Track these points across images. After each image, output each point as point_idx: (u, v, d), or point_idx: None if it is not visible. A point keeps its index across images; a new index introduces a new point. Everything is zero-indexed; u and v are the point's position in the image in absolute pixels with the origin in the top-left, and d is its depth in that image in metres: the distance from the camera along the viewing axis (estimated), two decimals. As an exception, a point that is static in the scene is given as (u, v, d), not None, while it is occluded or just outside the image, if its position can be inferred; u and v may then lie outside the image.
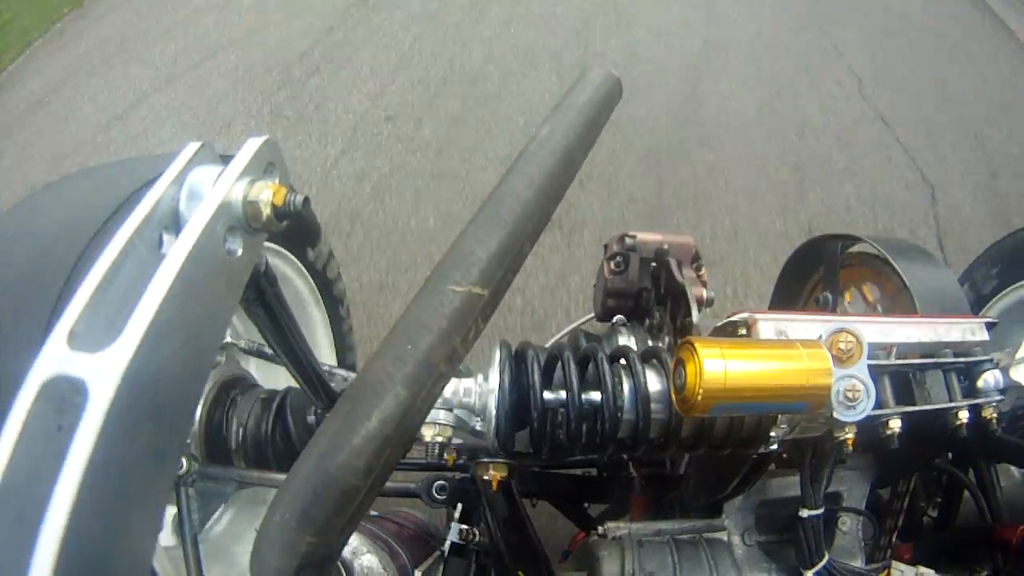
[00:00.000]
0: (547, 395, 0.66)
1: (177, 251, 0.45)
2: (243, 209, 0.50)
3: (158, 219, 0.49)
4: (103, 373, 0.39)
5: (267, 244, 1.10)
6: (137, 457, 0.42)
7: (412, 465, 1.04)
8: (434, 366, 0.39)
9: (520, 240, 0.46)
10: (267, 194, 0.50)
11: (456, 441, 0.67)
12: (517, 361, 0.68)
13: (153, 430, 0.43)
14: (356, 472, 0.36)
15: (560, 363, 0.68)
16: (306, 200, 0.51)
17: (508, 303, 2.19)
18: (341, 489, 0.36)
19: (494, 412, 0.65)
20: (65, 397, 0.39)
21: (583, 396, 0.66)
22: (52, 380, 0.39)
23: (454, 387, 0.66)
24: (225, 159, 0.53)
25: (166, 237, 0.49)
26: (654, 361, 0.68)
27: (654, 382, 0.66)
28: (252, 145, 0.52)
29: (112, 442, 0.38)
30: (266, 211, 0.50)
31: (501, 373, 0.67)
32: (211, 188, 0.50)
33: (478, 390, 0.66)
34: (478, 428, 0.67)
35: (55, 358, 0.40)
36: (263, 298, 0.66)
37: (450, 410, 0.65)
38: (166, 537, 0.94)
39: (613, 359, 0.68)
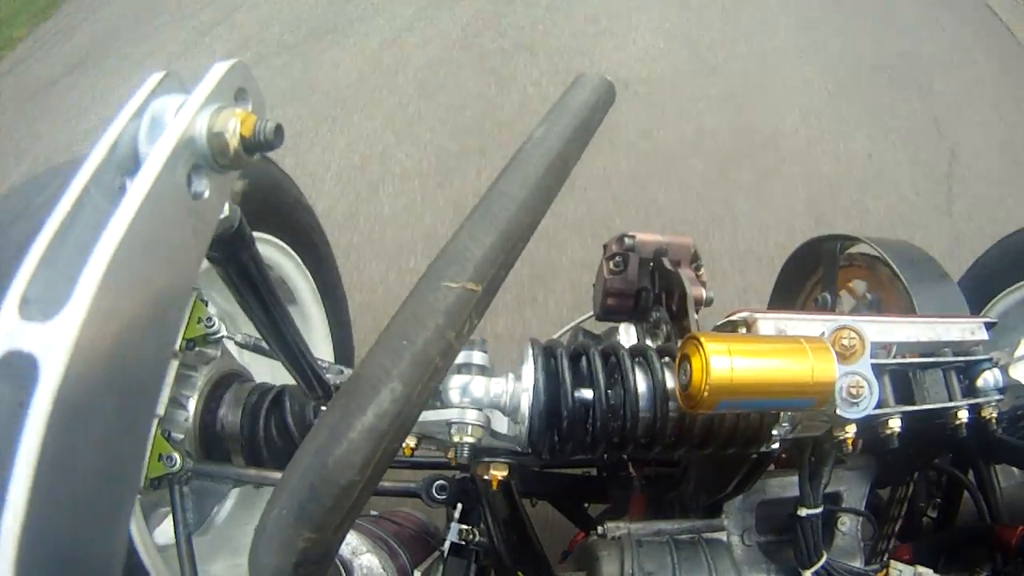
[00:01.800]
0: (576, 394, 0.64)
1: (132, 196, 0.39)
2: (208, 142, 0.43)
3: (116, 162, 0.43)
4: (53, 345, 0.35)
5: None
6: (100, 434, 0.38)
7: (412, 464, 1.04)
8: (429, 360, 0.39)
9: (513, 238, 0.47)
10: (233, 123, 0.44)
11: (483, 443, 0.65)
12: (546, 358, 0.67)
13: (116, 404, 0.39)
14: (353, 467, 0.36)
15: (586, 360, 0.67)
16: (278, 128, 0.45)
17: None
18: (338, 484, 0.36)
19: (527, 412, 0.64)
20: (23, 373, 0.35)
21: (608, 395, 0.65)
22: (6, 355, 0.35)
23: (484, 386, 0.64)
24: (191, 89, 0.46)
25: (128, 183, 0.43)
26: (667, 359, 0.67)
27: (670, 380, 0.65)
28: (219, 69, 0.45)
29: (67, 422, 0.35)
30: (233, 143, 0.44)
31: (536, 372, 0.65)
32: (172, 120, 0.43)
33: (510, 390, 0.65)
34: (504, 431, 0.65)
35: (7, 331, 0.36)
36: (238, 259, 0.59)
37: (480, 410, 0.63)
38: (162, 536, 0.94)
39: (633, 356, 0.67)
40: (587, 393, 0.65)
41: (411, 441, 0.69)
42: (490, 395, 0.64)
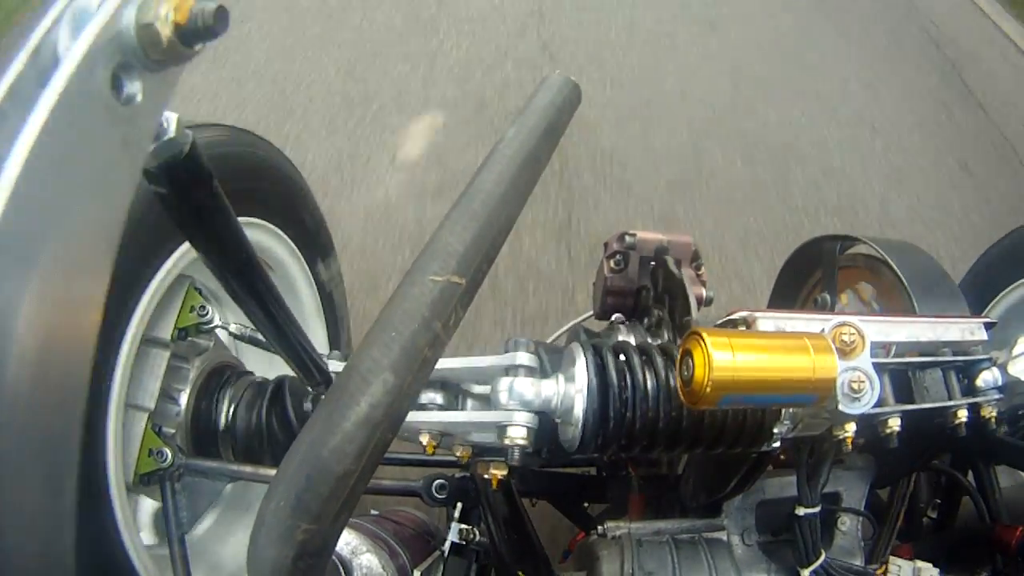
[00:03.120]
0: (625, 395, 0.64)
1: (41, 107, 0.33)
2: (136, 34, 0.36)
3: (38, 71, 0.36)
4: None
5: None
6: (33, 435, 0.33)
7: (411, 462, 1.04)
8: (419, 351, 0.40)
9: (494, 232, 0.48)
10: (165, 9, 0.37)
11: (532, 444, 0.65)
12: (595, 358, 0.67)
13: (28, 370, 0.32)
14: (348, 457, 0.37)
15: (626, 360, 0.67)
16: (219, 10, 0.38)
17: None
18: (334, 474, 0.36)
19: (581, 414, 0.64)
20: None
21: (647, 394, 0.65)
22: None
23: (535, 388, 0.64)
24: None
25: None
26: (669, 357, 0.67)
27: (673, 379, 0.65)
28: None
29: None
30: (166, 32, 0.37)
31: (588, 373, 0.65)
32: (96, 14, 0.36)
33: (562, 392, 0.64)
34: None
35: None
36: (188, 194, 0.50)
37: (531, 412, 0.63)
38: (149, 536, 0.92)
39: (641, 354, 0.67)
40: (628, 394, 0.65)
41: (426, 439, 0.69)
42: (541, 397, 0.64)
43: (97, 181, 0.37)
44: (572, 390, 0.64)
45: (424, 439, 0.70)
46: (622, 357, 0.67)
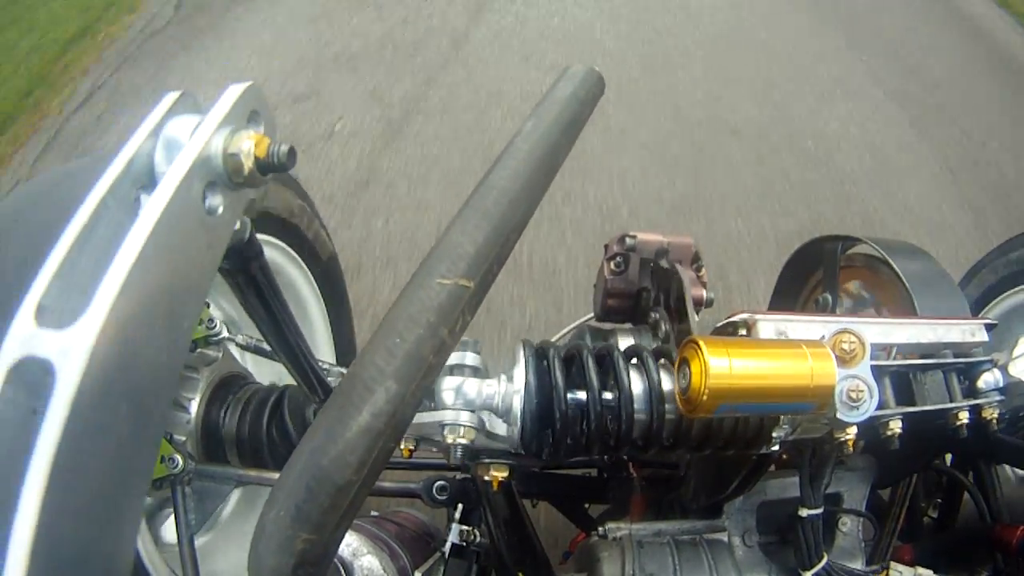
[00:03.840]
0: (570, 396, 0.64)
1: (150, 210, 0.41)
2: (223, 161, 0.45)
3: (133, 176, 0.44)
4: (70, 353, 0.36)
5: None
6: (112, 442, 0.38)
7: (412, 465, 1.04)
8: (423, 359, 0.39)
9: (506, 233, 0.47)
10: (248, 145, 0.46)
11: (476, 443, 0.65)
12: (538, 360, 0.67)
13: (129, 412, 0.39)
14: (349, 467, 0.36)
15: (579, 362, 0.67)
16: (291, 151, 0.46)
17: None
18: (335, 484, 0.36)
19: (519, 413, 0.64)
20: (37, 380, 0.36)
21: (602, 396, 0.65)
22: (21, 362, 0.36)
23: (477, 388, 0.64)
24: (206, 109, 0.48)
25: (143, 196, 0.45)
26: (663, 361, 0.67)
27: (667, 382, 0.65)
28: (233, 92, 0.47)
29: (82, 427, 0.35)
30: (248, 164, 0.46)
31: (527, 373, 0.65)
32: (188, 139, 0.45)
33: (502, 391, 0.65)
34: (498, 432, 0.65)
35: (23, 337, 0.36)
36: (247, 269, 0.61)
37: (473, 411, 0.63)
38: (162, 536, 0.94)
39: (627, 357, 0.67)
40: (581, 395, 0.65)
41: (410, 443, 0.69)
42: (483, 396, 0.64)
43: (187, 272, 0.45)
44: (511, 390, 0.64)
45: (400, 443, 0.69)
46: (627, 359, 0.67)
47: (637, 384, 0.65)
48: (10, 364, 0.36)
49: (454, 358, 0.66)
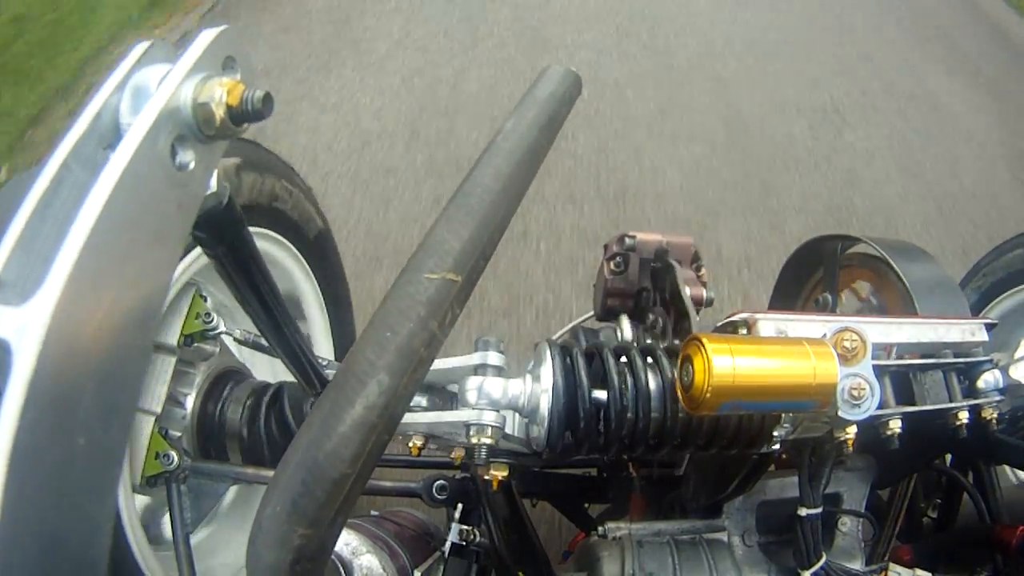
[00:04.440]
0: (595, 394, 0.64)
1: (112, 167, 0.37)
2: (192, 112, 0.42)
3: (99, 134, 0.41)
4: (26, 329, 0.33)
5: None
6: (78, 423, 0.36)
7: (412, 463, 1.04)
8: (414, 351, 0.40)
9: (490, 228, 0.47)
10: (220, 92, 0.42)
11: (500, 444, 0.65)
12: (563, 359, 0.66)
13: (95, 391, 0.37)
14: (343, 460, 0.36)
15: (600, 360, 0.66)
16: (267, 96, 0.43)
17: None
18: (330, 478, 0.36)
19: (547, 414, 0.63)
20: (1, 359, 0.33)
21: (623, 395, 0.64)
22: None
23: (502, 388, 0.63)
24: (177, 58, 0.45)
25: (111, 155, 0.41)
26: (674, 359, 0.67)
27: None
28: (205, 37, 0.44)
29: (43, 409, 0.33)
30: (219, 112, 0.42)
31: (554, 373, 0.64)
32: (156, 90, 0.42)
33: (528, 391, 0.64)
34: (512, 432, 0.65)
35: None
36: (228, 240, 0.57)
37: (497, 411, 0.62)
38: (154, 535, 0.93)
39: (643, 355, 0.67)
40: (601, 394, 0.64)
41: (418, 441, 0.69)
42: (508, 396, 0.63)
43: (155, 235, 0.41)
44: (538, 389, 0.64)
45: (409, 441, 0.69)
46: (624, 358, 0.67)
47: (652, 382, 0.65)
48: None
49: (477, 357, 0.66)
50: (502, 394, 0.63)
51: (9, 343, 0.33)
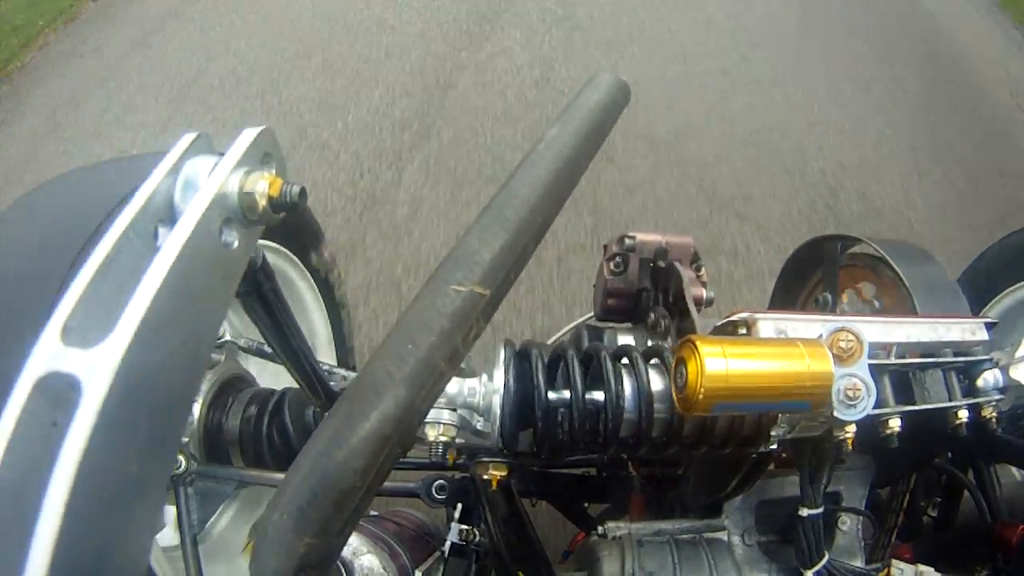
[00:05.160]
0: (551, 395, 0.65)
1: (172, 243, 0.44)
2: (239, 200, 0.49)
3: (153, 211, 0.48)
4: (96, 369, 0.38)
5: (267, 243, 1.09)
6: (133, 454, 0.41)
7: (412, 464, 1.04)
8: (435, 366, 0.39)
9: (523, 241, 0.46)
10: (263, 185, 0.49)
11: (459, 441, 0.67)
12: (521, 360, 0.68)
13: (148, 427, 0.42)
14: (354, 472, 0.36)
15: (563, 362, 0.68)
16: (302, 191, 0.50)
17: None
18: (339, 489, 0.36)
19: (498, 412, 0.65)
20: (60, 394, 0.38)
21: (586, 395, 0.65)
22: (46, 377, 0.39)
23: (458, 386, 0.66)
24: (222, 150, 0.52)
25: (161, 230, 0.49)
26: (655, 360, 0.68)
27: (656, 381, 0.66)
28: (248, 135, 0.51)
29: (106, 438, 0.38)
30: (262, 202, 0.50)
31: (506, 372, 0.66)
32: (206, 179, 0.49)
33: (482, 390, 0.66)
34: (480, 428, 0.67)
35: (49, 354, 0.39)
36: (260, 292, 0.65)
37: (454, 410, 0.65)
38: (166, 537, 0.94)
39: (616, 358, 0.68)
40: (564, 394, 0.66)
41: None
42: (463, 395, 0.65)
43: (205, 300, 0.48)
44: (490, 388, 0.66)
45: None
46: (616, 360, 0.67)
47: (626, 384, 0.65)
48: (36, 377, 0.39)
49: None
50: (458, 392, 0.65)
51: (79, 379, 0.38)
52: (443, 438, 0.63)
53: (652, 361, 0.68)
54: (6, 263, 0.65)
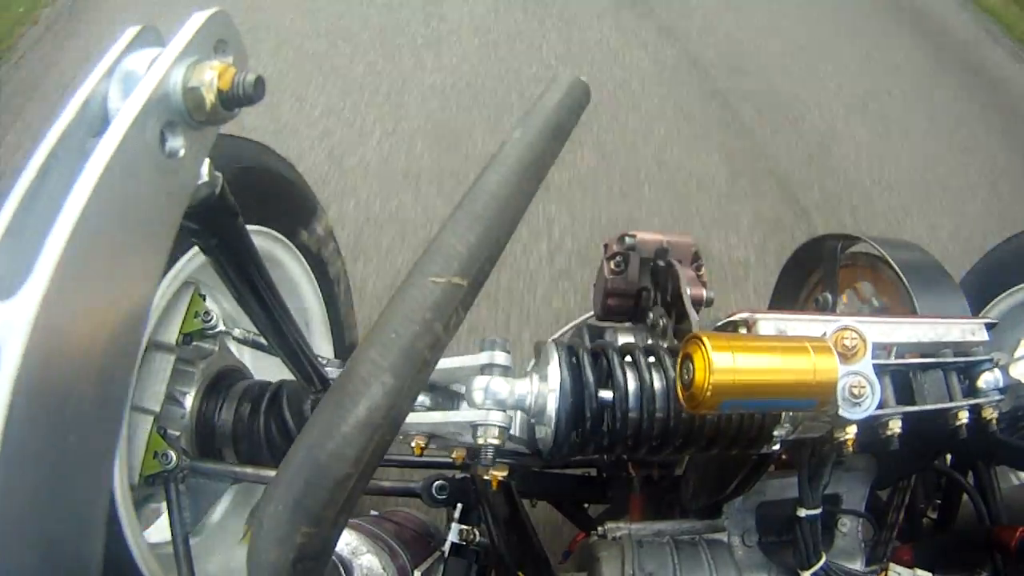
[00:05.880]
0: (601, 394, 0.64)
1: (99, 155, 0.36)
2: (183, 97, 0.40)
3: (87, 122, 0.40)
4: (12, 326, 0.32)
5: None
6: (67, 420, 0.35)
7: (411, 463, 1.04)
8: (418, 354, 0.40)
9: (497, 234, 0.48)
10: (210, 76, 0.41)
11: (509, 445, 0.65)
12: (569, 358, 0.66)
13: (86, 386, 0.36)
14: (346, 460, 0.36)
15: (606, 360, 0.66)
16: (258, 80, 0.42)
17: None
18: (333, 478, 0.36)
19: (554, 414, 0.63)
20: None
21: (628, 395, 0.64)
22: None
23: (509, 388, 0.63)
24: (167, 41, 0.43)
25: (98, 143, 0.39)
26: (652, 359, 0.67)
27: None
28: (195, 20, 0.42)
29: (30, 408, 0.32)
30: (210, 97, 0.41)
31: (561, 372, 0.64)
32: (144, 75, 0.40)
33: (535, 391, 0.64)
34: (516, 433, 0.64)
35: None
36: (221, 232, 0.55)
37: (504, 411, 0.62)
38: (158, 533, 0.93)
39: (647, 355, 0.67)
40: (607, 394, 0.64)
41: (421, 441, 0.69)
42: (514, 396, 0.63)
43: (145, 224, 0.40)
44: (545, 389, 0.64)
45: (412, 441, 0.69)
46: (628, 358, 0.67)
47: (657, 382, 0.65)
48: None
49: (483, 357, 0.65)
50: (508, 394, 0.63)
51: None
52: (494, 441, 0.61)
53: (650, 359, 0.67)
54: None
